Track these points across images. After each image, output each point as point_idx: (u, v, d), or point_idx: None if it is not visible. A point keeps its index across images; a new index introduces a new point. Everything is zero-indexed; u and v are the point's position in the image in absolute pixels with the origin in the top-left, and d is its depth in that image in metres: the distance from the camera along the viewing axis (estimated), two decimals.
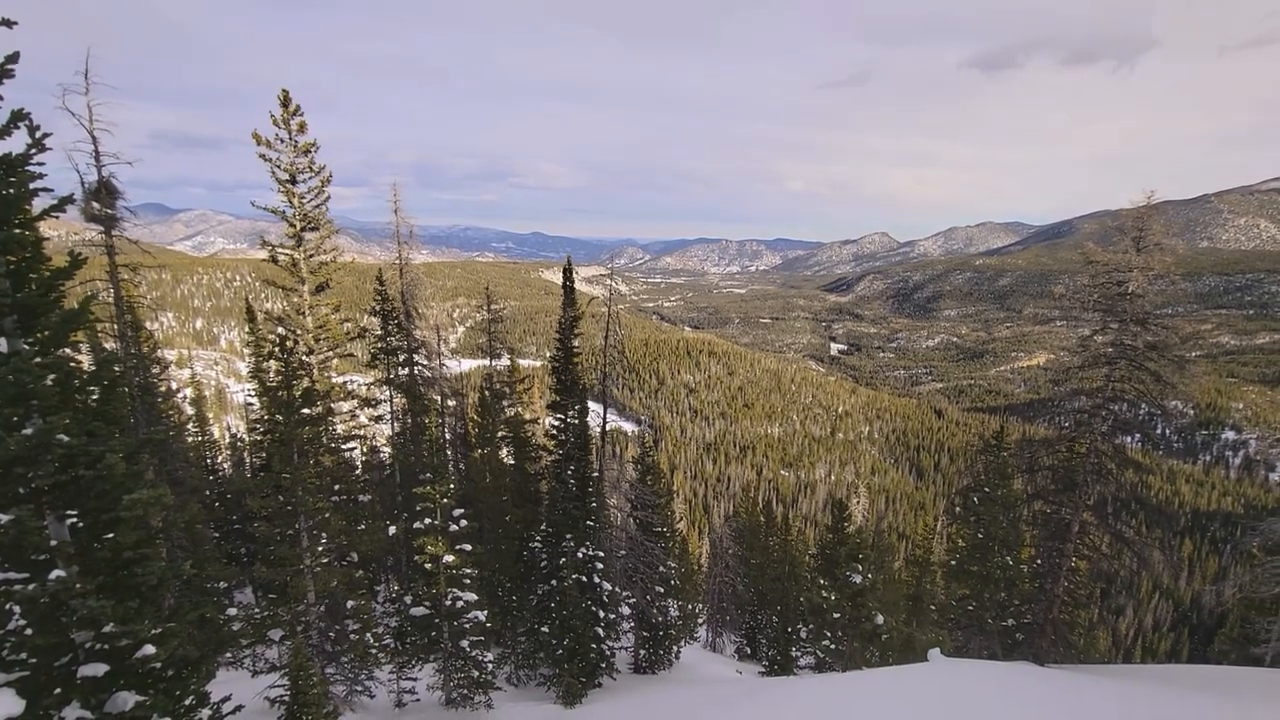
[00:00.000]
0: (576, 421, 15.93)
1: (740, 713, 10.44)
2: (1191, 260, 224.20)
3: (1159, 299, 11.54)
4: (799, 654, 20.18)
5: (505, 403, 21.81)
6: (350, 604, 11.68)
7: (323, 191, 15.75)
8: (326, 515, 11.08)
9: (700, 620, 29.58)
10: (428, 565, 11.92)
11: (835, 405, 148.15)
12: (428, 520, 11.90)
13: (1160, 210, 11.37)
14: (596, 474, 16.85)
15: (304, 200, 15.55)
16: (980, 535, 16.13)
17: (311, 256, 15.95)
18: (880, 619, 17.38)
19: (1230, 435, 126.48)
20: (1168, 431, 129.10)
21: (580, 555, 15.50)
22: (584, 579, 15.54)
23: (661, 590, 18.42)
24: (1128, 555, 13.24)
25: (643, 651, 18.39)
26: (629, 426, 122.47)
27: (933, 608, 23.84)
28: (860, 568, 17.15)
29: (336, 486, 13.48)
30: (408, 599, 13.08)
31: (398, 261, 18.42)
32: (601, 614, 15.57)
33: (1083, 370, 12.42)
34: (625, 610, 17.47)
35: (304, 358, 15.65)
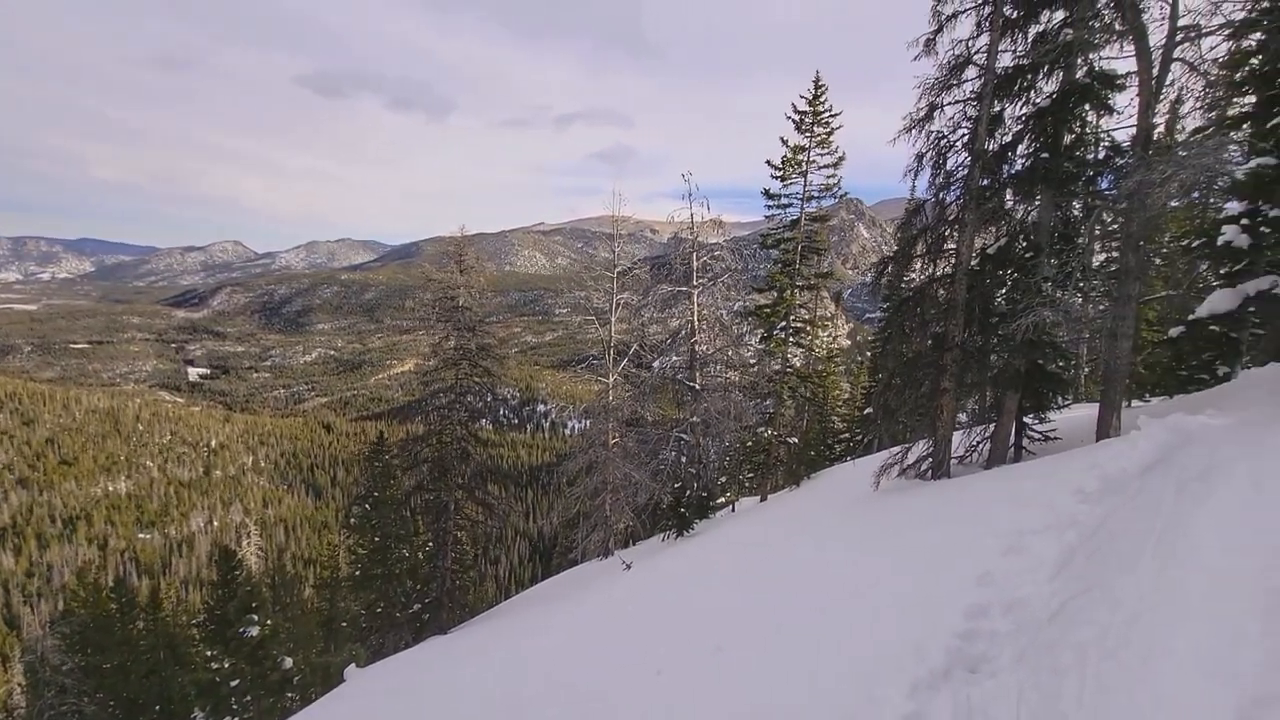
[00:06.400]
0: None
1: None
2: (500, 280, 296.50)
3: (482, 310, 14.77)
4: None
5: None
6: None
7: None
8: None
9: None
10: None
11: (206, 439, 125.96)
12: None
13: (473, 240, 14.52)
14: None
15: None
16: (377, 538, 16.96)
17: None
18: (289, 662, 16.05)
19: (542, 407, 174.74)
20: (505, 411, 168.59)
21: None
22: None
23: None
24: (494, 516, 16.56)
25: None
26: None
27: (344, 624, 23.65)
28: (257, 617, 15.34)
29: None
30: None
31: None
32: None
33: (439, 371, 14.67)
34: None
35: None
